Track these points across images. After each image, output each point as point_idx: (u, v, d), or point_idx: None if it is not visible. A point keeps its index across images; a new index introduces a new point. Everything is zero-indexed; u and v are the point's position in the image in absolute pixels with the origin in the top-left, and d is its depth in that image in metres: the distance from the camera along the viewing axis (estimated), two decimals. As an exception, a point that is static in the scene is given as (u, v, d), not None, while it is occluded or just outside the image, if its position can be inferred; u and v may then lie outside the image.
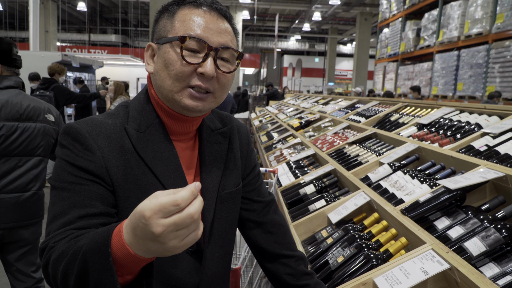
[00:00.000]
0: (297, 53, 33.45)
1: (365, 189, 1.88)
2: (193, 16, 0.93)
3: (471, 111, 2.21)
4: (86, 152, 0.89)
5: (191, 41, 0.91)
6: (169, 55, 0.92)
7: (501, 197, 1.38)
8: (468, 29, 7.34)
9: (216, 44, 0.93)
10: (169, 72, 0.92)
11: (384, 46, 12.11)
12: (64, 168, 0.88)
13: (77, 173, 0.87)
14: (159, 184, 0.93)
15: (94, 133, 0.91)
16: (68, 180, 0.87)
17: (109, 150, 0.91)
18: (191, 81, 0.92)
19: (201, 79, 0.92)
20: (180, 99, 0.93)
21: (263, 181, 1.25)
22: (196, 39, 0.91)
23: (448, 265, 1.15)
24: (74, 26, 27.39)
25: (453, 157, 1.73)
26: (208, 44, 0.91)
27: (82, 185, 0.87)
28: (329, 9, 20.38)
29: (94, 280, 0.70)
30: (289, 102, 7.52)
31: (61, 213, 0.84)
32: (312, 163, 2.87)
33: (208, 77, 0.92)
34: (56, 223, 0.83)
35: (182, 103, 0.93)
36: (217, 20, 0.95)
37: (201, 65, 0.91)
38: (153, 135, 0.96)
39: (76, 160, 0.88)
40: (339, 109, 4.20)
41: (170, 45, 0.92)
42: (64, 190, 0.87)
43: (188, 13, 0.93)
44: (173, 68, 0.91)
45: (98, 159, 0.89)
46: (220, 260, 1.06)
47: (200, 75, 0.92)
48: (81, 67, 10.45)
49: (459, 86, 7.56)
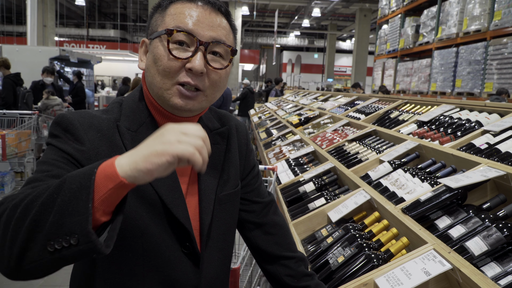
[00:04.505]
0: (296, 49, 33.38)
1: (365, 187, 1.87)
2: (185, 10, 0.90)
3: (471, 109, 2.19)
4: (75, 141, 0.86)
5: (179, 34, 0.87)
6: (157, 50, 0.89)
7: (502, 196, 1.37)
8: (466, 26, 7.32)
9: (207, 38, 0.89)
10: (158, 67, 0.89)
11: (383, 43, 12.09)
12: (52, 151, 0.85)
13: (63, 155, 0.84)
14: (148, 184, 0.89)
15: (86, 124, 0.88)
16: (52, 158, 0.83)
17: (99, 143, 0.88)
18: (180, 77, 0.88)
19: (190, 75, 0.88)
20: (169, 97, 0.90)
21: (262, 181, 1.23)
22: (184, 32, 0.87)
23: (450, 266, 1.13)
24: (72, 21, 27.28)
25: (454, 155, 1.72)
26: (198, 38, 0.88)
27: (66, 164, 0.83)
28: (329, 5, 20.34)
29: (63, 203, 0.64)
30: (288, 98, 7.50)
31: (35, 179, 0.78)
32: (312, 160, 2.86)
33: (197, 73, 0.88)
34: (26, 186, 0.77)
35: (171, 101, 0.90)
36: (210, 14, 0.91)
37: (189, 60, 0.88)
38: (145, 134, 0.92)
39: (65, 146, 0.85)
40: (338, 105, 4.19)
41: (159, 39, 0.89)
42: (46, 163, 0.82)
43: (180, 7, 0.91)
44: (161, 63, 0.88)
45: (87, 150, 0.86)
46: (219, 263, 1.04)
47: (189, 71, 0.88)
48: (79, 62, 10.41)
49: (457, 83, 7.55)
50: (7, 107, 5.90)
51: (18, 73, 6.20)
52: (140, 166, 0.65)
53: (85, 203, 0.63)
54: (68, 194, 0.64)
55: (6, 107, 5.86)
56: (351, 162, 2.33)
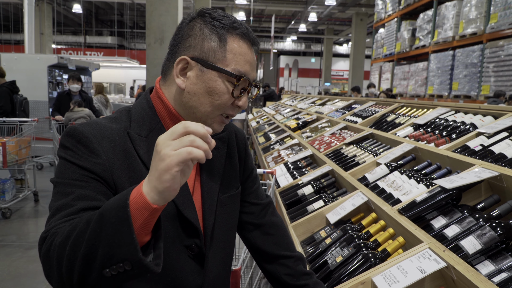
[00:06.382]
0: (293, 53, 33.47)
1: (362, 190, 1.90)
2: (243, 50, 0.96)
3: (466, 111, 2.23)
4: (90, 154, 0.88)
5: (244, 81, 0.96)
6: (216, 85, 0.94)
7: (496, 196, 1.40)
8: (462, 29, 7.39)
9: (252, 79, 0.98)
10: (213, 100, 0.95)
11: (380, 46, 12.16)
12: (69, 167, 0.87)
13: (81, 172, 0.87)
14: None
15: (99, 136, 0.91)
16: (72, 177, 0.86)
17: (113, 154, 0.91)
18: (227, 110, 0.97)
19: (236, 110, 0.98)
20: (211, 124, 0.98)
21: (260, 184, 1.27)
22: (246, 79, 0.96)
23: (445, 264, 1.17)
24: (69, 28, 27.30)
25: (449, 157, 1.76)
26: (250, 81, 0.97)
27: (87, 182, 0.86)
28: (325, 9, 20.41)
29: (108, 236, 0.69)
30: (286, 103, 7.54)
31: (64, 205, 0.83)
32: (310, 164, 2.89)
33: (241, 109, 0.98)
34: (60, 214, 0.82)
35: (212, 127, 0.98)
36: (253, 54, 0.98)
37: (240, 98, 0.97)
38: (155, 139, 0.96)
39: (81, 161, 0.87)
40: (336, 109, 4.22)
41: (219, 75, 0.94)
42: (67, 185, 0.85)
43: (238, 46, 0.95)
44: (219, 98, 0.95)
45: (103, 162, 0.89)
46: (222, 262, 1.08)
47: (237, 107, 0.98)
48: (77, 69, 10.43)
49: (454, 86, 7.60)
50: (6, 115, 5.90)
51: (14, 81, 6.17)
52: (160, 188, 0.69)
53: (129, 235, 0.69)
54: (110, 228, 0.69)
55: (4, 115, 5.86)
56: (348, 165, 2.36)
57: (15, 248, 4.05)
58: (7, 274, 3.50)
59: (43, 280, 3.40)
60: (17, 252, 3.95)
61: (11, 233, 4.46)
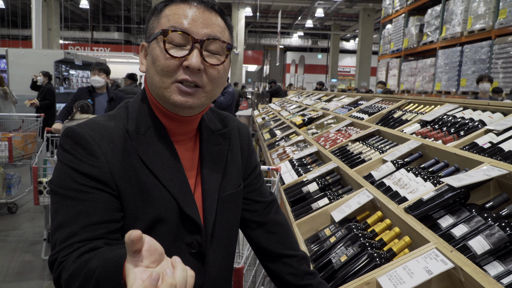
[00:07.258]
0: (300, 49, 33.37)
1: (368, 187, 1.87)
2: (179, 10, 0.91)
3: (474, 108, 2.19)
4: (89, 157, 0.87)
5: (174, 34, 0.89)
6: (155, 51, 0.91)
7: (505, 195, 1.37)
8: (471, 24, 7.30)
9: (202, 36, 0.91)
10: (156, 68, 0.91)
11: (387, 42, 12.07)
12: (68, 174, 0.86)
13: (81, 180, 0.86)
14: (162, 187, 0.92)
15: (97, 137, 0.89)
16: (72, 188, 0.85)
17: (113, 154, 0.89)
18: (178, 75, 0.90)
19: (188, 72, 0.90)
20: (169, 95, 0.91)
21: (264, 182, 1.24)
22: (179, 32, 0.89)
23: (452, 265, 1.14)
24: (76, 24, 27.44)
25: (457, 155, 1.72)
26: (193, 36, 0.90)
27: (87, 193, 0.85)
28: (332, 5, 20.32)
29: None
30: (292, 99, 7.50)
31: (66, 222, 0.83)
32: (315, 160, 2.86)
33: (194, 70, 0.90)
34: (62, 232, 0.83)
35: (171, 99, 0.91)
36: (204, 13, 0.93)
37: (186, 58, 0.90)
38: (154, 136, 0.95)
39: (80, 166, 0.86)
40: (342, 106, 4.19)
41: (156, 41, 0.92)
42: (67, 198, 0.85)
43: (174, 8, 0.92)
44: (158, 63, 0.90)
45: (103, 164, 0.87)
46: (223, 261, 1.06)
47: (186, 69, 0.90)
48: (84, 65, 10.46)
49: (462, 82, 7.52)
50: None
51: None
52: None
53: None
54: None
55: None
56: (354, 162, 2.34)
57: (20, 243, 4.07)
58: (13, 268, 3.52)
59: (48, 275, 3.42)
60: (23, 247, 3.98)
61: (17, 227, 4.49)
